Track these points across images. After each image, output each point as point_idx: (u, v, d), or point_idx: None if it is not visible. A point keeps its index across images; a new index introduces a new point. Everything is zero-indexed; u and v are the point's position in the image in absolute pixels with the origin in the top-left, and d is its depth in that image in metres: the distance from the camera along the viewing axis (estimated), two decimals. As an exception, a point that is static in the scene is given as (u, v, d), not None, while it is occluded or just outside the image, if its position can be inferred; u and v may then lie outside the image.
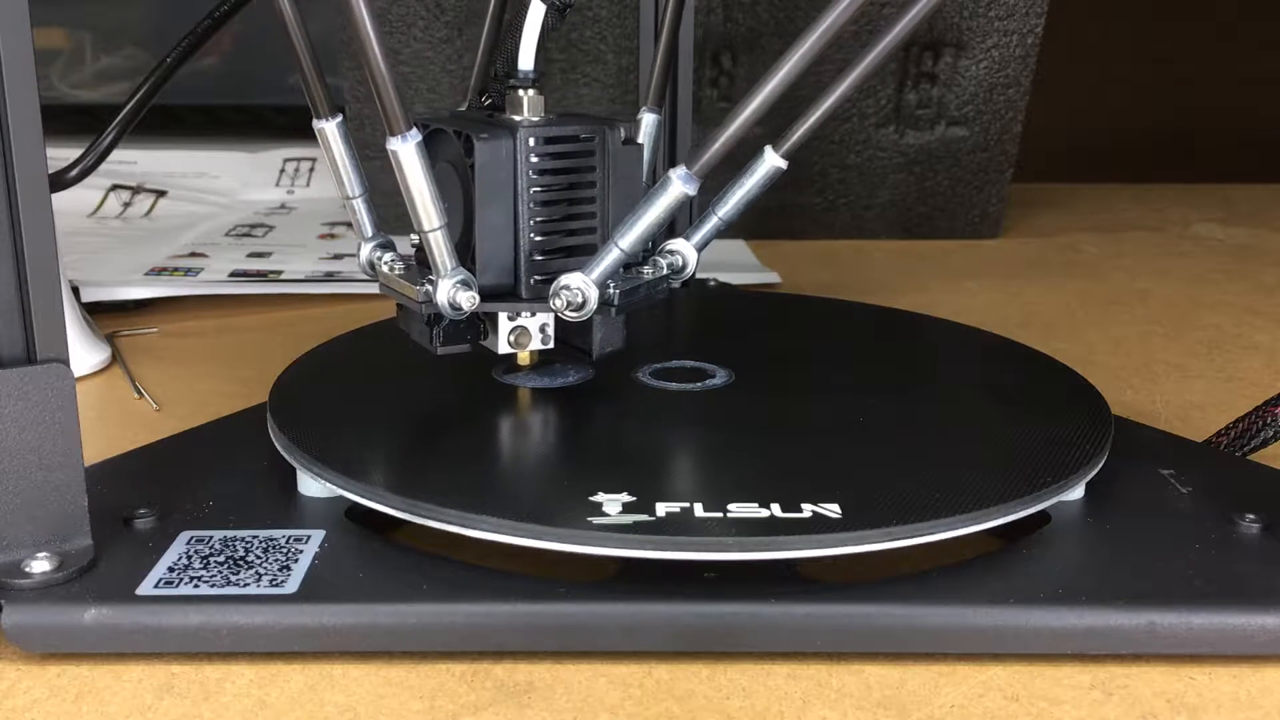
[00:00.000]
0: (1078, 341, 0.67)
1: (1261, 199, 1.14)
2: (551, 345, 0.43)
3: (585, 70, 0.88)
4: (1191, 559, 0.36)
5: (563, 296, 0.40)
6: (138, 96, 0.55)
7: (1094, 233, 0.99)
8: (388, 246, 0.43)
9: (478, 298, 0.40)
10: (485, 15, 0.47)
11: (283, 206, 1.04)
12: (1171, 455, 0.44)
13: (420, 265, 0.42)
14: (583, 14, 0.87)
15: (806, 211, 0.94)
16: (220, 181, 1.08)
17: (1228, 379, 0.61)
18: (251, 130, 1.19)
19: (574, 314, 0.40)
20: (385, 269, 0.42)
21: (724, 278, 0.73)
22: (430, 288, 0.39)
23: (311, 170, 1.09)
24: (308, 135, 0.42)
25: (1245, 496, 0.40)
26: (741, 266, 0.83)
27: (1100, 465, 0.41)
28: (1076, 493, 0.40)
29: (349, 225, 0.95)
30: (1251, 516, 0.38)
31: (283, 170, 1.09)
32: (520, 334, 0.43)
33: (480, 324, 0.43)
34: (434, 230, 0.38)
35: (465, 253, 0.41)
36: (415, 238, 0.40)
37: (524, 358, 0.44)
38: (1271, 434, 0.45)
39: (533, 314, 0.42)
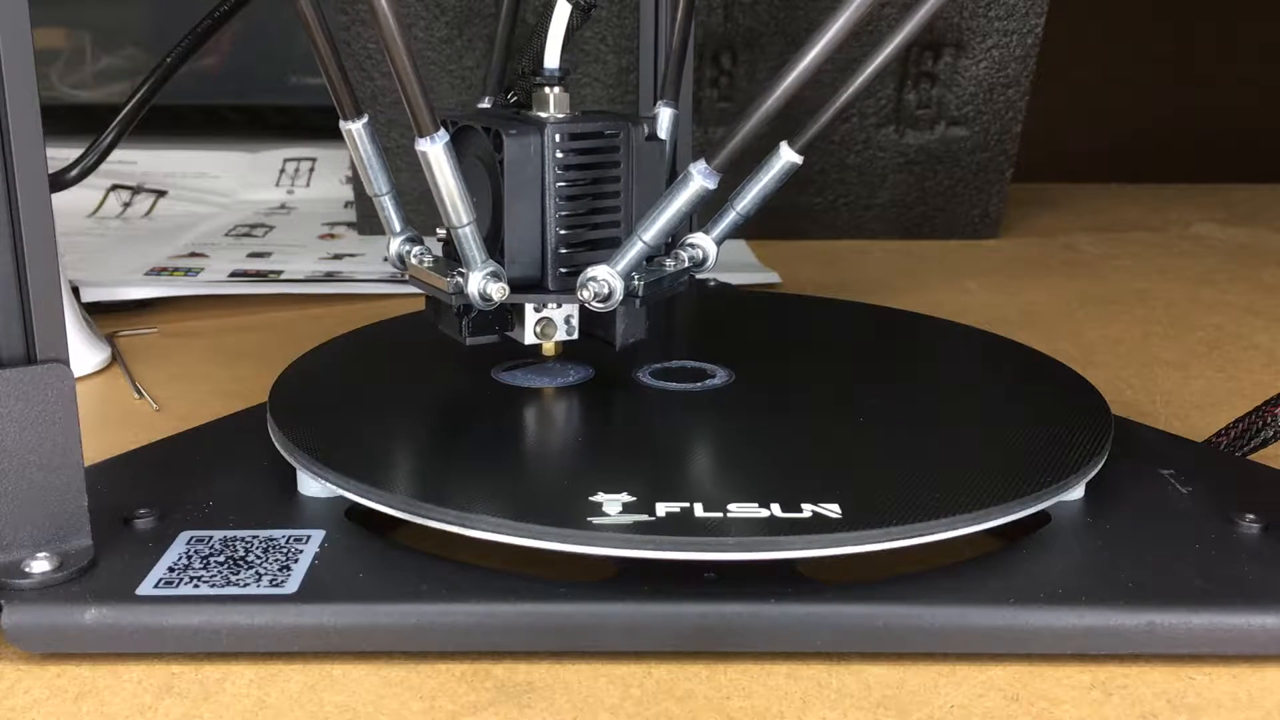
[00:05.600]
0: (1078, 341, 0.67)
1: (1261, 199, 1.14)
2: (576, 336, 0.44)
3: (585, 70, 0.88)
4: (1191, 559, 0.36)
5: (590, 288, 0.41)
6: (138, 96, 0.55)
7: (1094, 233, 0.99)
8: (416, 240, 0.44)
9: (508, 289, 0.41)
10: (486, 15, 0.47)
11: (283, 206, 1.04)
12: (1171, 455, 0.44)
13: (449, 258, 0.43)
14: (583, 14, 0.87)
15: (806, 211, 0.94)
16: (220, 181, 1.08)
17: (1228, 379, 0.61)
18: (251, 130, 1.19)
19: (600, 304, 0.41)
20: (415, 262, 0.43)
21: (724, 278, 0.73)
22: (461, 279, 0.41)
23: (311, 170, 1.09)
24: (307, 135, 0.42)
25: (1245, 496, 0.40)
26: (741, 266, 0.83)
27: (1100, 465, 0.41)
28: (1076, 493, 0.40)
29: (349, 225, 0.95)
30: (1251, 516, 0.38)
31: (283, 170, 1.09)
32: (546, 325, 0.44)
33: (507, 315, 0.44)
34: (464, 226, 0.40)
35: (493, 246, 0.42)
36: (442, 232, 0.41)
37: (549, 348, 0.45)
38: (1271, 434, 0.45)
39: (558, 305, 0.43)
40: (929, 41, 0.90)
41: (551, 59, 0.43)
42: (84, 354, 0.60)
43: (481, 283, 0.40)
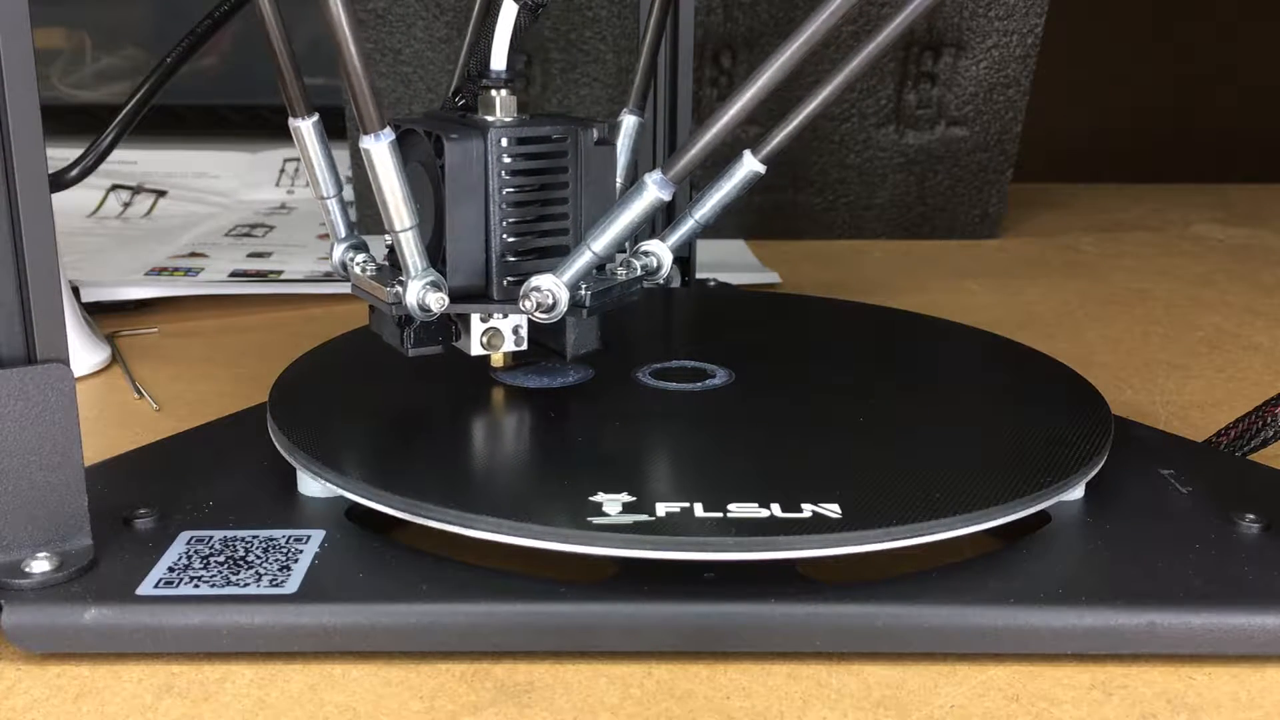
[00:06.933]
0: (1078, 341, 0.67)
1: (1261, 199, 1.14)
2: (525, 347, 0.43)
3: (585, 70, 0.88)
4: (1191, 559, 0.36)
5: (533, 298, 0.39)
6: (138, 96, 0.55)
7: (1094, 233, 0.99)
8: (360, 247, 0.43)
9: (447, 299, 0.40)
10: (485, 15, 0.47)
11: (283, 206, 1.04)
12: (1171, 455, 0.44)
13: (393, 267, 0.42)
14: (583, 14, 0.87)
15: (806, 211, 0.94)
16: (220, 181, 1.08)
17: (1228, 379, 0.61)
18: (251, 130, 1.19)
19: (544, 315, 0.40)
20: (357, 270, 0.42)
21: (724, 278, 0.73)
22: (400, 289, 0.39)
23: (312, 170, 1.09)
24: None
25: (1245, 496, 0.40)
26: (741, 266, 0.83)
27: (1100, 465, 0.41)
28: (1076, 493, 0.40)
29: (349, 225, 0.95)
30: (1251, 516, 0.38)
31: (283, 170, 1.09)
32: (493, 335, 0.42)
33: (453, 325, 0.43)
34: (405, 230, 0.38)
35: (437, 254, 0.41)
36: (389, 239, 0.40)
37: (497, 359, 0.44)
38: (1271, 434, 0.45)
39: (505, 315, 0.42)
40: (929, 41, 0.90)
41: (498, 60, 0.41)
42: (84, 354, 0.60)
43: (420, 292, 0.39)
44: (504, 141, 0.40)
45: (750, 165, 0.43)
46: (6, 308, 0.34)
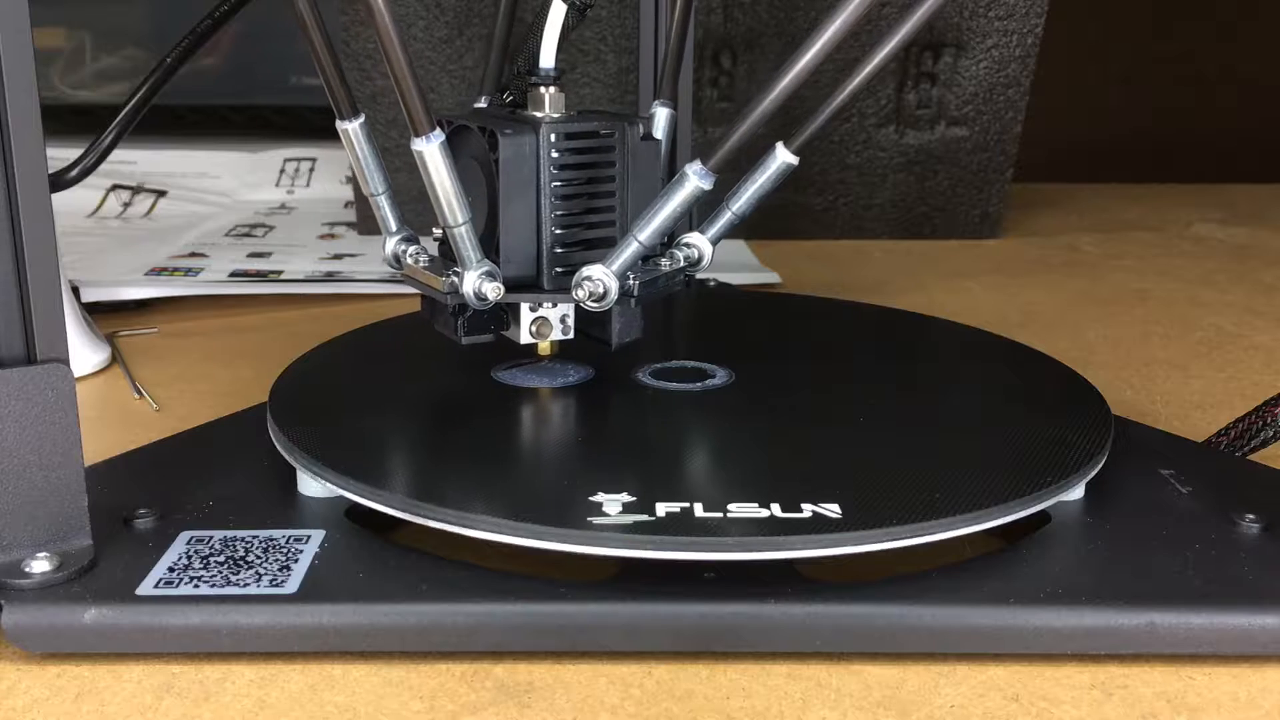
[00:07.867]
0: (1078, 341, 0.67)
1: (1261, 199, 1.14)
2: (571, 336, 0.44)
3: (585, 70, 0.88)
4: (1191, 559, 0.36)
5: (585, 287, 0.41)
6: (138, 96, 0.55)
7: (1094, 233, 0.99)
8: (412, 240, 0.44)
9: (502, 288, 0.41)
10: (486, 15, 0.47)
11: (283, 206, 1.04)
12: (1171, 455, 0.44)
13: (444, 258, 0.43)
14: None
15: (806, 211, 0.94)
16: (220, 181, 1.08)
17: (1228, 379, 0.61)
18: (251, 130, 1.19)
19: (595, 304, 0.41)
20: (410, 261, 0.43)
21: (724, 278, 0.73)
22: (456, 279, 0.41)
23: (311, 170, 1.09)
24: (308, 135, 0.42)
25: (1245, 496, 0.40)
26: (741, 266, 0.83)
27: (1100, 465, 0.41)
28: (1076, 493, 0.40)
29: (349, 225, 0.95)
30: (1251, 516, 0.38)
31: (283, 170, 1.09)
32: (541, 324, 0.44)
33: (503, 314, 0.44)
34: (459, 225, 0.40)
35: (489, 245, 0.42)
36: (438, 231, 0.41)
37: (544, 348, 0.45)
38: (1271, 434, 0.45)
39: (554, 305, 0.43)
40: (929, 41, 0.90)
41: (547, 59, 0.43)
42: (84, 354, 0.60)
43: (476, 282, 0.40)
44: (554, 137, 0.42)
45: (783, 157, 0.43)
46: (6, 308, 0.34)
